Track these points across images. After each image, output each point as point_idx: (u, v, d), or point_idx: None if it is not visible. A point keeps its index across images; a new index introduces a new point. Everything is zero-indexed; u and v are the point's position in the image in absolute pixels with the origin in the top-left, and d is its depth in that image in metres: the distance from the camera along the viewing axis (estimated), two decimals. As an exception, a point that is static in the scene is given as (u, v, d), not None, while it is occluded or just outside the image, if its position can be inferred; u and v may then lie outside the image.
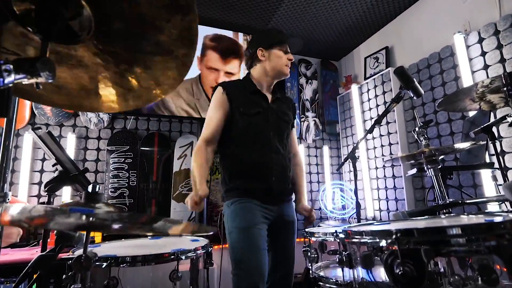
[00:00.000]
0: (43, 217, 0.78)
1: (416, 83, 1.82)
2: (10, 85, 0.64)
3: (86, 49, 0.87)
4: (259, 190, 1.86)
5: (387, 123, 3.92)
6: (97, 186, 1.39)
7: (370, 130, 1.96)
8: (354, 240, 1.09)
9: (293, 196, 2.10)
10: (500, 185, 2.35)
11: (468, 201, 1.92)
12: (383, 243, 0.95)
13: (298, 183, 2.14)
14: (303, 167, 2.27)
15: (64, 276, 1.26)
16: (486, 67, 2.93)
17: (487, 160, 2.60)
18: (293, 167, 2.11)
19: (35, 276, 1.44)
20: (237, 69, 4.19)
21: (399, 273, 0.86)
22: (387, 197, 3.91)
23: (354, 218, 4.23)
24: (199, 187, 1.74)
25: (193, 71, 3.99)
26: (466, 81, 3.05)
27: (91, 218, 0.84)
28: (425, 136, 2.05)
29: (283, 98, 2.18)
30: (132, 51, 0.90)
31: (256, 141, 1.92)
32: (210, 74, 4.04)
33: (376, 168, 4.13)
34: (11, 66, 0.63)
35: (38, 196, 3.38)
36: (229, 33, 4.25)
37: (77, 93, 0.97)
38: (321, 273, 2.12)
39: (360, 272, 1.16)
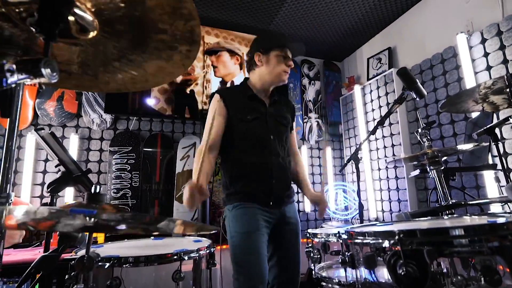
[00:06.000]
0: (49, 220, 0.78)
1: (419, 84, 1.82)
2: (13, 85, 0.64)
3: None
4: (260, 193, 1.85)
5: (390, 124, 3.91)
6: (100, 187, 1.40)
7: (373, 131, 1.95)
8: (357, 240, 1.10)
9: (295, 197, 2.09)
10: (503, 186, 2.34)
11: (470, 202, 1.91)
12: (386, 243, 0.95)
13: (301, 176, 2.14)
14: (304, 164, 2.26)
15: (66, 277, 1.27)
16: (489, 68, 2.92)
17: (490, 162, 2.59)
18: (294, 165, 2.11)
19: (37, 276, 1.44)
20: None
21: (402, 273, 0.86)
22: (390, 198, 3.90)
23: (357, 219, 4.22)
24: (195, 177, 1.51)
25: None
26: (469, 82, 3.04)
27: (94, 219, 0.84)
28: (428, 137, 2.05)
29: (282, 100, 2.17)
30: (136, 45, 0.95)
31: (256, 145, 1.92)
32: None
33: (379, 169, 4.12)
34: (14, 67, 0.64)
35: (41, 197, 3.39)
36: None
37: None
38: (324, 274, 2.12)
39: (363, 273, 1.16)
